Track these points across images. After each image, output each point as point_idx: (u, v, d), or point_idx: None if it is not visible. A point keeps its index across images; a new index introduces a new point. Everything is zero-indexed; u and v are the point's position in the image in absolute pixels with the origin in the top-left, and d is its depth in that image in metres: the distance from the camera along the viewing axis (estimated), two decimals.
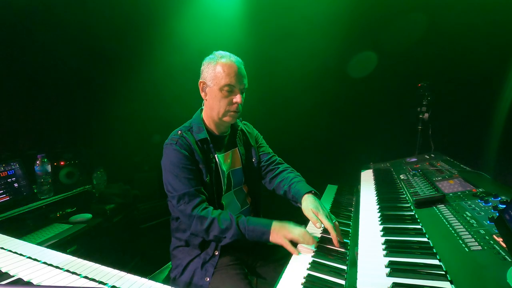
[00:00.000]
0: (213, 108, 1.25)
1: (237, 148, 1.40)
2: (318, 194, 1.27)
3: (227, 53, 1.26)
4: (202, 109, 1.35)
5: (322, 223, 1.09)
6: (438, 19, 2.41)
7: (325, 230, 1.13)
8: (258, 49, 2.96)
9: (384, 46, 2.65)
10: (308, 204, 1.18)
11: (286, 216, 1.15)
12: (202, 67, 1.27)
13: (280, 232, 1.07)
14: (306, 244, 1.04)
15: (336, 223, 1.09)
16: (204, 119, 1.32)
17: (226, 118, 1.26)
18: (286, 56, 3.05)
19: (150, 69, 2.99)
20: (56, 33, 2.50)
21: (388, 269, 0.74)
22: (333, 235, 1.03)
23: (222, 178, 1.30)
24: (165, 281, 0.87)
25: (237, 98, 1.22)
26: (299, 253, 1.01)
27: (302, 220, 1.19)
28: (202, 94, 1.29)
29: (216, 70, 1.21)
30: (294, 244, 1.06)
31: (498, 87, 2.23)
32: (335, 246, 1.03)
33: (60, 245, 1.55)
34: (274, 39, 3.01)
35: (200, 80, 1.27)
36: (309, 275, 0.87)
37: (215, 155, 1.29)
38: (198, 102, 1.36)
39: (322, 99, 3.01)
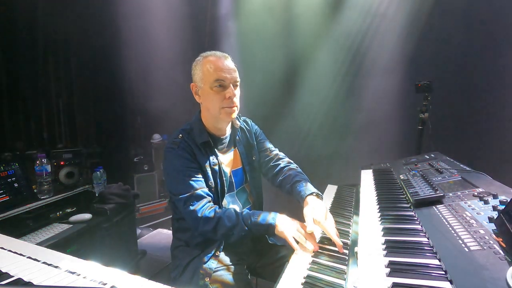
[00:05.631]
0: (208, 109, 1.23)
1: (237, 147, 1.39)
2: (321, 195, 1.23)
3: (213, 51, 1.24)
4: (200, 110, 1.32)
5: (326, 233, 1.06)
6: (438, 19, 2.41)
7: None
8: (252, 51, 2.97)
9: (384, 45, 2.65)
10: (309, 209, 1.12)
11: (289, 214, 1.15)
12: (192, 71, 1.25)
13: (287, 228, 1.07)
14: (308, 248, 1.02)
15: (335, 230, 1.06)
16: (204, 121, 1.29)
17: (222, 116, 1.21)
18: (284, 56, 3.05)
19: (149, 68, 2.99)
20: (59, 33, 2.50)
21: (388, 269, 0.74)
22: (337, 244, 1.01)
23: (225, 180, 1.29)
24: (165, 281, 0.86)
25: (230, 92, 1.18)
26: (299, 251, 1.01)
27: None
28: (196, 98, 1.26)
29: (204, 68, 1.19)
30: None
31: (498, 87, 2.23)
32: (335, 247, 1.02)
33: (60, 245, 1.55)
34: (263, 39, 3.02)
35: (191, 84, 1.25)
36: (309, 275, 0.87)
37: (217, 158, 1.28)
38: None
39: (322, 99, 3.01)
